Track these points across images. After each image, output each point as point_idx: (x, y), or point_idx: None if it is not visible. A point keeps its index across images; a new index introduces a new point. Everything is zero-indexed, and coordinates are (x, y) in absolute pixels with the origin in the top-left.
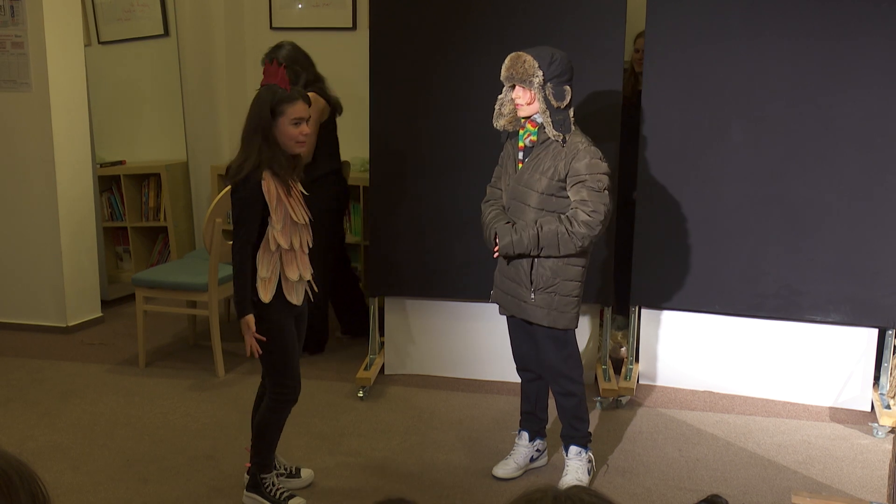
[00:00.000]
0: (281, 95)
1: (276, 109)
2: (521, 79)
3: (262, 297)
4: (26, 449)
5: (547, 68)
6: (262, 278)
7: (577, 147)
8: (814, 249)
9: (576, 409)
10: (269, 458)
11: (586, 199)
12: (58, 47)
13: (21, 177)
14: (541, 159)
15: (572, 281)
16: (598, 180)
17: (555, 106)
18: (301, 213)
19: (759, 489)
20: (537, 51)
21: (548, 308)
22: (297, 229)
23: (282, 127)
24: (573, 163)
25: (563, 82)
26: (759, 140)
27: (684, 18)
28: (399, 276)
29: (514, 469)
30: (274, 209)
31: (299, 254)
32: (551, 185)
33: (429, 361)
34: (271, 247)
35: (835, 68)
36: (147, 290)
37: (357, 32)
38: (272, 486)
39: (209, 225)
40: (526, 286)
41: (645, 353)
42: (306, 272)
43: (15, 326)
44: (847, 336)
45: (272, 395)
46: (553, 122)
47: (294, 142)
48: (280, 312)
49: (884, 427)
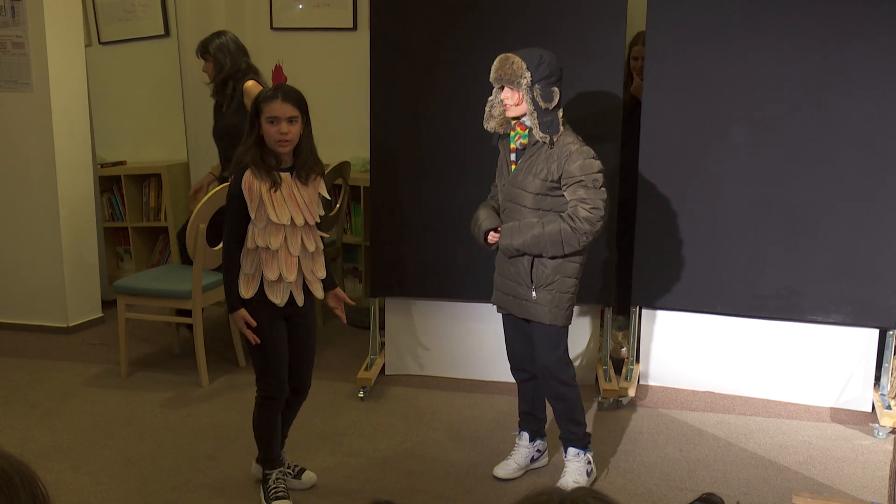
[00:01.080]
0: (262, 94)
1: (258, 108)
2: (508, 80)
3: (243, 293)
4: (27, 449)
5: (535, 69)
6: (246, 275)
7: (568, 148)
8: (814, 250)
9: (568, 411)
10: (269, 454)
11: (584, 197)
12: (59, 47)
13: (22, 177)
14: (533, 161)
15: (570, 277)
16: (593, 179)
17: (542, 107)
18: (290, 214)
19: (759, 490)
20: (526, 52)
21: (549, 305)
22: (286, 231)
23: (263, 126)
24: (566, 165)
25: (551, 83)
26: (760, 141)
27: (685, 19)
28: (399, 276)
29: (515, 469)
30: (254, 208)
31: (284, 254)
32: (544, 186)
33: (429, 362)
34: (250, 245)
35: (835, 69)
36: (129, 298)
37: (357, 33)
38: (274, 482)
39: (192, 231)
40: (527, 284)
41: (645, 354)
42: (290, 274)
43: (15, 327)
44: (848, 337)
45: (256, 392)
46: (540, 123)
47: (274, 141)
48: (261, 311)
49: (885, 428)
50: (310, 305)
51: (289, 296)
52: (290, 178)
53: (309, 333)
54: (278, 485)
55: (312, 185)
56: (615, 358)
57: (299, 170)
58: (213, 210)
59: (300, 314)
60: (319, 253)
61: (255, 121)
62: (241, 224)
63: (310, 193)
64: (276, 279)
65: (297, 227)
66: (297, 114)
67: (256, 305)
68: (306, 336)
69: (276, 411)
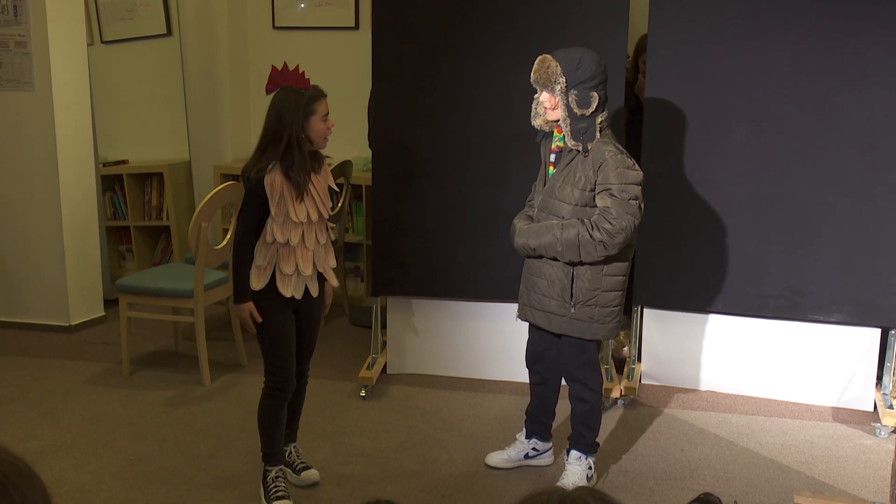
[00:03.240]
0: (309, 95)
1: (307, 109)
2: (544, 83)
3: (254, 284)
4: (29, 448)
5: (571, 73)
6: (258, 266)
7: (603, 156)
8: (817, 250)
9: (586, 416)
10: (271, 449)
11: (609, 207)
12: (61, 47)
13: (24, 176)
14: (571, 169)
15: (611, 291)
16: (623, 190)
17: (577, 114)
18: (307, 211)
19: (761, 489)
20: (564, 54)
21: (589, 321)
22: (304, 226)
23: (314, 125)
24: (600, 171)
25: (589, 88)
26: (763, 140)
27: (687, 18)
28: (401, 275)
29: (505, 461)
30: (276, 204)
31: (301, 249)
32: (584, 196)
33: (431, 361)
34: (268, 239)
35: (839, 69)
36: (131, 297)
37: (359, 32)
38: (272, 480)
39: (195, 229)
40: (565, 300)
41: (647, 353)
42: (307, 268)
43: (18, 325)
44: (850, 336)
45: (264, 383)
46: (572, 130)
47: (323, 137)
48: (271, 302)
49: (886, 427)
50: (319, 297)
51: (304, 288)
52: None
53: (313, 323)
54: (278, 483)
55: (323, 175)
56: (617, 357)
57: (314, 163)
58: (215, 210)
59: (308, 305)
60: (329, 243)
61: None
62: (260, 218)
63: (322, 187)
64: (292, 273)
65: (313, 222)
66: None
67: (266, 297)
68: (311, 326)
69: (283, 403)
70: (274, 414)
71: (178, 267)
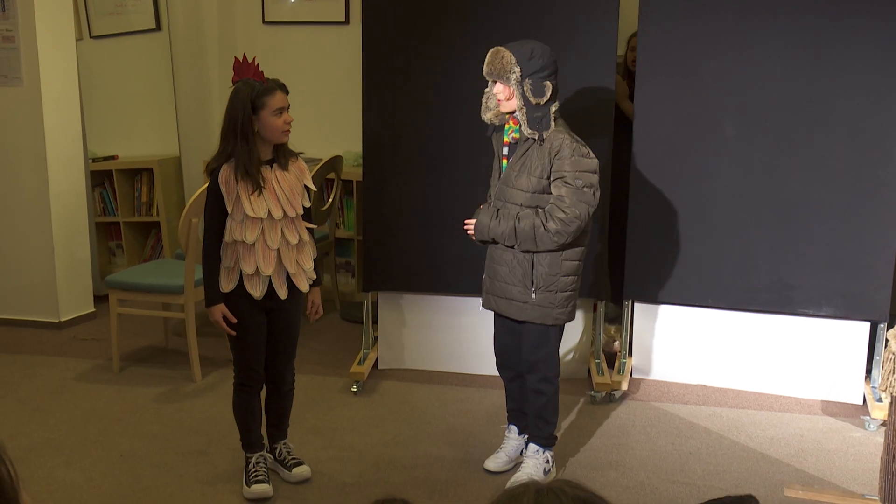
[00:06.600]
0: (259, 88)
1: (256, 103)
2: (498, 74)
3: (223, 286)
4: (19, 445)
5: (525, 63)
6: (226, 268)
7: (560, 144)
8: (806, 243)
9: (542, 409)
10: (248, 438)
11: (563, 196)
12: (49, 41)
13: (13, 172)
14: (527, 157)
15: (569, 276)
16: (577, 177)
17: (532, 102)
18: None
19: (751, 482)
20: (517, 45)
21: (549, 306)
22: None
23: (265, 119)
24: (556, 160)
25: (543, 78)
26: (752, 134)
27: (677, 13)
28: (392, 271)
29: (506, 462)
30: (232, 202)
31: (261, 248)
32: (540, 184)
33: (422, 356)
34: (227, 238)
35: (827, 63)
36: (121, 293)
37: (349, 27)
38: (253, 466)
39: (185, 224)
40: (525, 286)
41: (638, 347)
42: (267, 267)
43: (7, 322)
44: (839, 329)
45: (234, 379)
46: (529, 119)
47: (280, 132)
48: (240, 303)
49: (875, 420)
50: (294, 299)
51: (268, 288)
52: (271, 171)
53: (287, 328)
54: (258, 469)
55: (295, 174)
56: (608, 352)
57: (280, 158)
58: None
59: (281, 308)
60: (305, 245)
61: (248, 118)
62: (220, 218)
63: (292, 185)
64: (252, 273)
65: (276, 219)
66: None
67: (236, 298)
68: (284, 330)
69: (251, 397)
70: (243, 406)
71: (169, 263)
